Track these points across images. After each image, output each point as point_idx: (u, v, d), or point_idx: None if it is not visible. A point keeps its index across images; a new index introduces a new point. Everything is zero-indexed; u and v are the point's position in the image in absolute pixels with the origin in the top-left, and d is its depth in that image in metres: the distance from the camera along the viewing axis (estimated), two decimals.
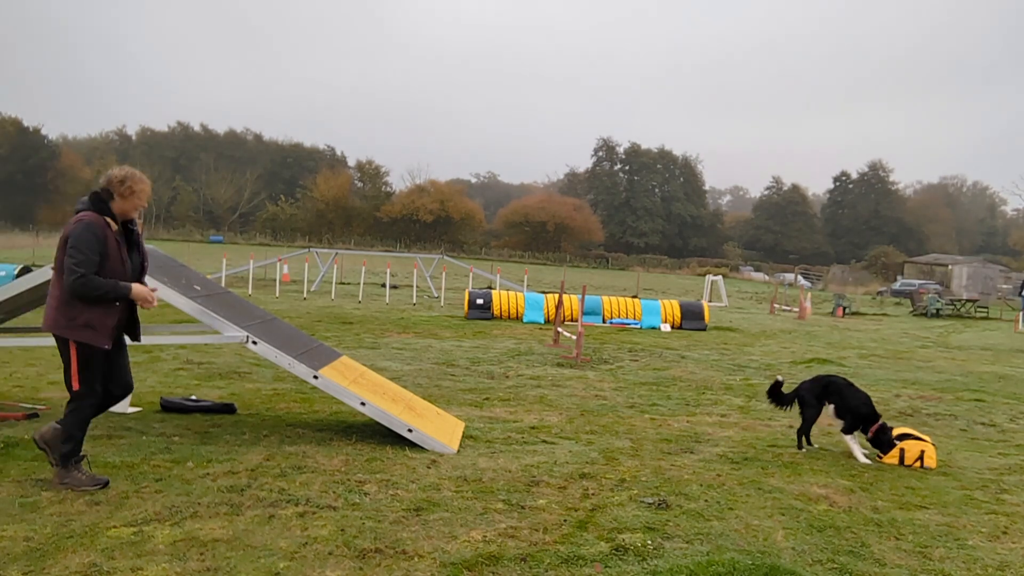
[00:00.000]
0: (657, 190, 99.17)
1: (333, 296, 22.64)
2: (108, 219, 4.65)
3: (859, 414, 6.57)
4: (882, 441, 6.45)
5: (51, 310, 4.64)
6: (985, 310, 32.73)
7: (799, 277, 57.38)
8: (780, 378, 7.03)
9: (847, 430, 6.58)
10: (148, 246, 5.98)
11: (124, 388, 4.97)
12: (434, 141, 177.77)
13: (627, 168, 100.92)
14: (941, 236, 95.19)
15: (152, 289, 4.86)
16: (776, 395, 6.92)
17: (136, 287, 4.69)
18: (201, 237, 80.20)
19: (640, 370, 11.25)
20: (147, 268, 5.02)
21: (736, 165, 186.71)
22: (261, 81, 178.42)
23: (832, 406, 6.69)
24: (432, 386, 8.90)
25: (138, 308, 4.89)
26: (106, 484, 4.62)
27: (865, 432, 6.56)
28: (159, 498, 4.51)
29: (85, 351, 4.58)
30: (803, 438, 6.75)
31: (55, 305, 4.61)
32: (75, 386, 4.62)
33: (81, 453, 4.68)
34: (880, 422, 6.54)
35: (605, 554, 4.03)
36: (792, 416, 7.19)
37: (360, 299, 21.97)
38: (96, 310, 4.58)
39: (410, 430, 5.93)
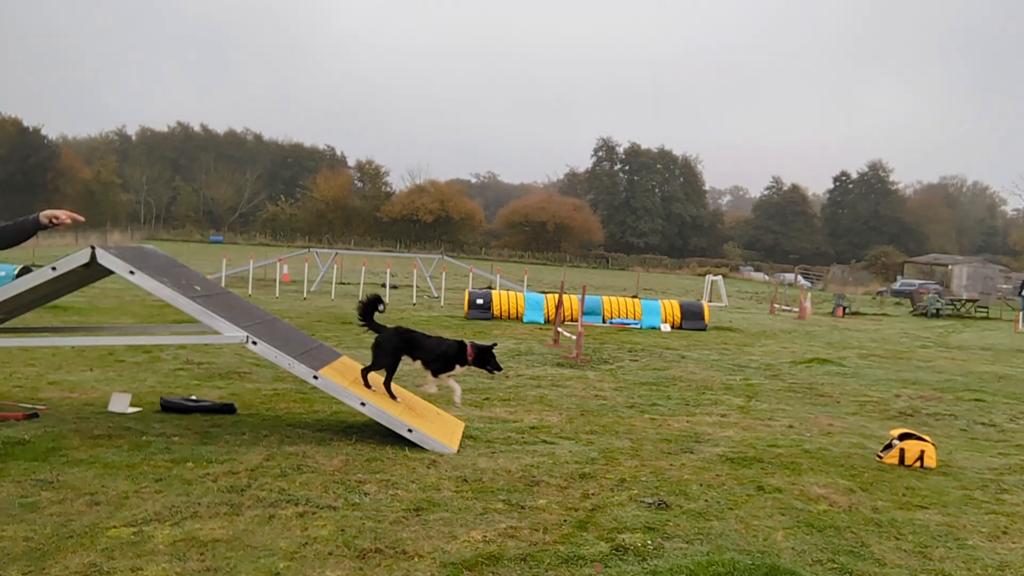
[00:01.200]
0: (657, 190, 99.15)
1: (333, 296, 22.64)
2: None
3: (441, 355, 6.57)
4: (486, 358, 6.53)
5: None
6: (985, 310, 32.74)
7: (799, 277, 57.37)
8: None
9: (437, 373, 6.62)
10: (148, 246, 6.01)
11: None
12: (434, 141, 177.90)
13: (627, 168, 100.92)
14: (941, 236, 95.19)
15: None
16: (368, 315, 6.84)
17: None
18: (201, 237, 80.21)
19: (640, 370, 11.25)
20: None
21: (736, 165, 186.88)
22: (261, 81, 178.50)
23: (418, 360, 6.64)
24: None
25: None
26: None
27: (464, 365, 6.58)
28: (159, 498, 4.51)
29: None
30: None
31: None
32: None
33: None
34: (468, 344, 6.59)
35: (605, 554, 4.03)
36: (792, 417, 7.21)
37: (360, 299, 21.96)
38: None
39: (410, 430, 5.93)
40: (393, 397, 6.49)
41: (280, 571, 3.64)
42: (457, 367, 6.68)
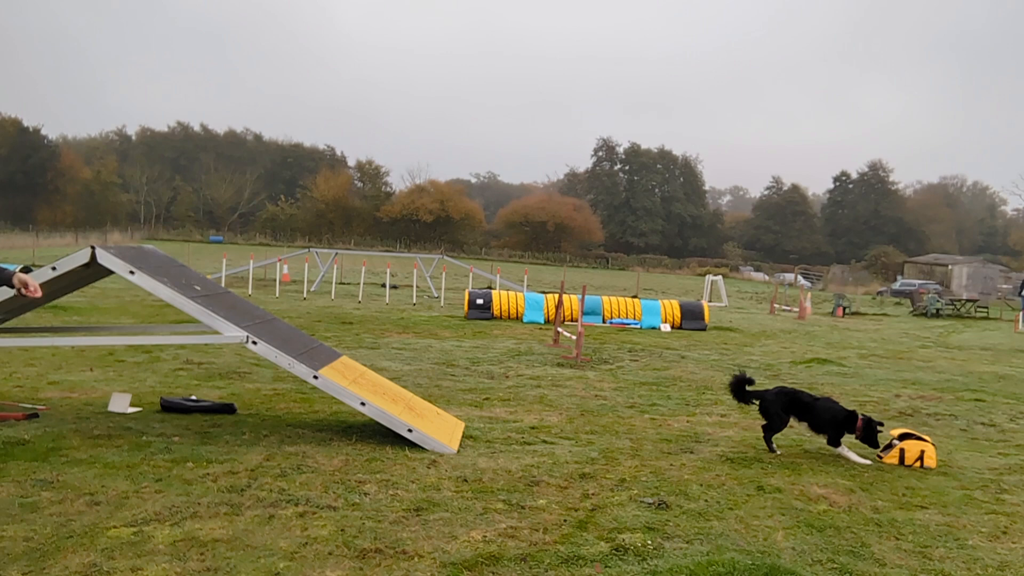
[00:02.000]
0: (657, 190, 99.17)
1: (333, 296, 22.64)
2: None
3: (836, 423, 6.43)
4: (870, 436, 6.40)
5: None
6: (985, 310, 32.73)
7: (799, 277, 57.38)
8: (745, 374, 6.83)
9: (833, 443, 6.46)
10: (148, 246, 6.01)
11: None
12: (434, 141, 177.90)
13: (627, 168, 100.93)
14: (941, 236, 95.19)
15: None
16: (740, 392, 6.71)
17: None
18: (201, 237, 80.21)
19: (640, 370, 11.25)
20: None
21: (736, 165, 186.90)
22: (261, 81, 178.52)
23: (805, 423, 6.52)
24: (432, 386, 8.90)
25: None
26: None
27: (852, 434, 6.45)
28: (159, 498, 4.51)
29: None
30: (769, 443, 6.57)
31: None
32: None
33: None
34: (861, 417, 6.47)
35: (605, 554, 4.03)
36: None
37: (360, 299, 21.97)
38: None
39: (410, 430, 5.93)
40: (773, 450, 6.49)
41: (280, 571, 3.64)
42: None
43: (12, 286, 4.78)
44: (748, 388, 6.72)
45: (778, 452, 6.44)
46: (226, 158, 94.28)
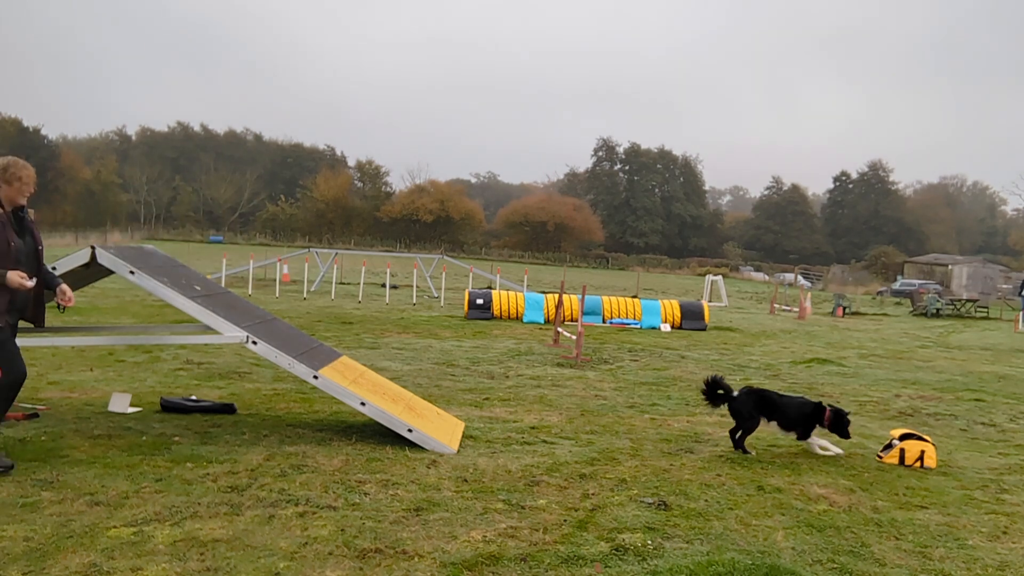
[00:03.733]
0: (657, 190, 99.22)
1: (333, 296, 22.64)
2: None
3: (805, 416, 6.46)
4: (840, 426, 6.43)
5: None
6: (985, 310, 32.74)
7: (799, 277, 57.38)
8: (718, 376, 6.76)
9: (804, 437, 6.49)
10: (148, 246, 6.03)
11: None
12: (434, 141, 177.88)
13: (627, 168, 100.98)
14: (941, 236, 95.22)
15: (25, 277, 4.86)
16: (712, 395, 6.66)
17: (10, 274, 4.76)
18: (201, 237, 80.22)
19: (640, 370, 11.24)
20: (42, 253, 5.16)
21: (736, 165, 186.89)
22: (261, 81, 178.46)
23: (775, 422, 6.48)
24: (432, 386, 8.90)
25: (51, 297, 5.21)
26: (11, 468, 4.80)
27: (822, 426, 6.47)
28: (159, 498, 4.51)
29: None
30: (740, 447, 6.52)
31: None
32: None
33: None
34: (829, 408, 6.49)
35: (605, 554, 4.03)
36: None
37: (360, 299, 21.97)
38: None
39: (410, 430, 5.93)
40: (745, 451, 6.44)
41: (280, 571, 3.64)
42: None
43: (54, 291, 5.21)
44: (719, 392, 6.64)
45: (751, 453, 6.39)
46: (226, 158, 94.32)
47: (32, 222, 5.14)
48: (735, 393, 6.61)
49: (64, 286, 5.23)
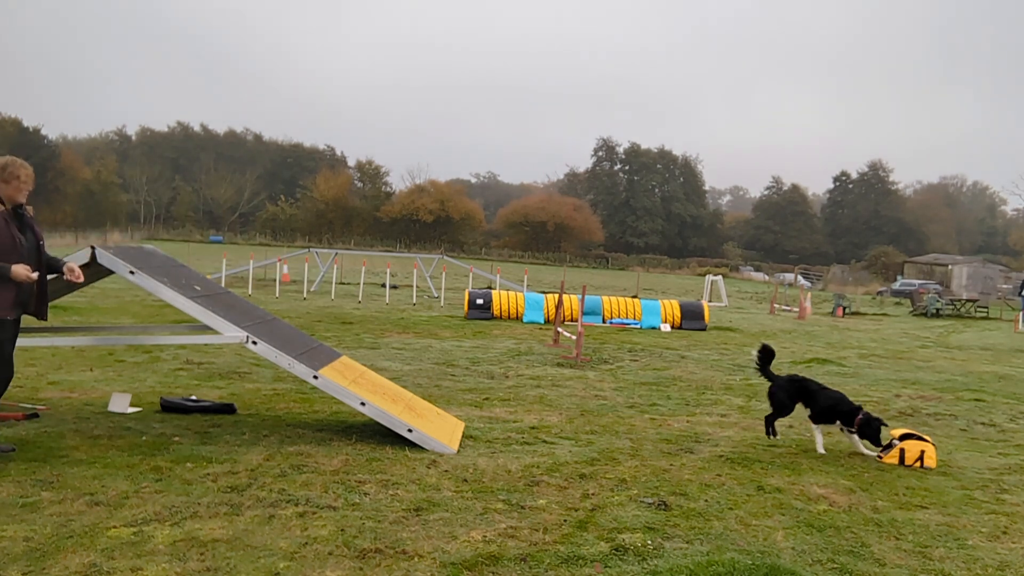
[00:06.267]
0: (657, 190, 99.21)
1: (333, 296, 22.63)
2: None
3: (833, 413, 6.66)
4: (868, 433, 6.47)
5: None
6: (985, 310, 32.73)
7: (799, 277, 57.38)
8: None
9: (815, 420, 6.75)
10: (148, 246, 6.04)
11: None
12: (434, 141, 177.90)
13: (627, 168, 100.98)
14: (941, 236, 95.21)
15: (30, 269, 5.03)
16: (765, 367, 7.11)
17: (15, 267, 4.95)
18: (201, 237, 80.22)
19: (640, 370, 11.24)
20: (44, 248, 5.31)
21: (736, 165, 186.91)
22: (261, 81, 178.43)
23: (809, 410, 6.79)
24: (432, 386, 8.90)
25: (47, 287, 5.36)
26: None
27: (850, 426, 6.58)
28: (159, 498, 4.51)
29: None
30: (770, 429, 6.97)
31: None
32: None
33: None
34: (863, 413, 6.56)
35: (605, 554, 4.03)
36: (792, 417, 7.20)
37: (360, 299, 21.97)
38: None
39: (410, 430, 5.93)
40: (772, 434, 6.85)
41: (280, 571, 3.64)
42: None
43: (62, 273, 5.36)
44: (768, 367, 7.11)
45: (777, 436, 6.77)
46: (226, 158, 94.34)
47: (32, 218, 5.30)
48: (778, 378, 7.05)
49: (71, 263, 5.39)
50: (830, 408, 6.67)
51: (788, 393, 6.89)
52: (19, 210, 5.17)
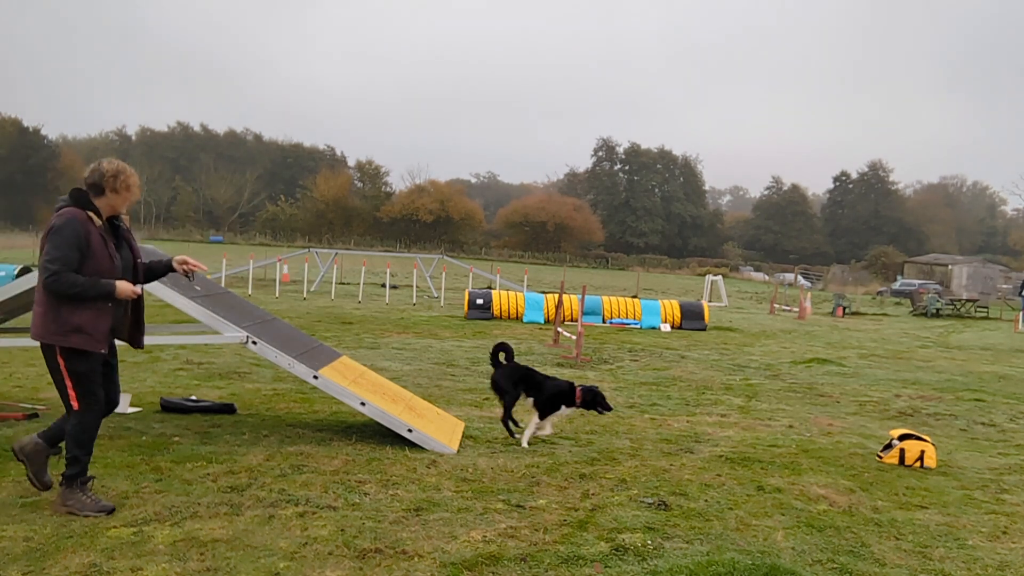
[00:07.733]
0: (657, 190, 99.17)
1: (333, 296, 22.64)
2: (91, 214, 4.28)
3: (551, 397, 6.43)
4: (593, 401, 6.38)
5: (37, 317, 4.25)
6: (985, 310, 32.74)
7: (799, 277, 57.37)
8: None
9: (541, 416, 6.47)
10: (148, 246, 5.98)
11: (109, 403, 4.52)
12: (434, 141, 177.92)
13: (627, 168, 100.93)
14: (941, 236, 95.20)
15: (132, 283, 4.44)
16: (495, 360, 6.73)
17: (120, 284, 4.27)
18: (201, 237, 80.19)
19: (640, 370, 11.24)
20: (140, 263, 4.62)
21: (736, 165, 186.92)
22: (260, 81, 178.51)
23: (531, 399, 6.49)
24: (432, 386, 8.89)
25: (144, 313, 4.66)
26: (111, 511, 4.21)
27: (572, 404, 6.42)
28: (159, 498, 4.51)
29: (76, 360, 4.19)
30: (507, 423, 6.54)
31: (41, 312, 4.22)
32: (74, 404, 4.23)
33: (88, 475, 4.32)
34: (579, 386, 6.46)
35: (605, 554, 4.03)
36: (792, 417, 7.21)
37: (360, 299, 21.97)
38: (86, 312, 4.18)
39: (410, 430, 5.93)
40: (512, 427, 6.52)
41: (280, 571, 3.64)
42: (564, 408, 6.50)
43: (174, 270, 4.72)
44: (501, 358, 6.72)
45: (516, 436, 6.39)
46: (226, 158, 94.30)
47: (128, 230, 4.58)
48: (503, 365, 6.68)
49: (182, 256, 4.72)
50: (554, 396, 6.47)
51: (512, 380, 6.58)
52: (116, 221, 4.46)
